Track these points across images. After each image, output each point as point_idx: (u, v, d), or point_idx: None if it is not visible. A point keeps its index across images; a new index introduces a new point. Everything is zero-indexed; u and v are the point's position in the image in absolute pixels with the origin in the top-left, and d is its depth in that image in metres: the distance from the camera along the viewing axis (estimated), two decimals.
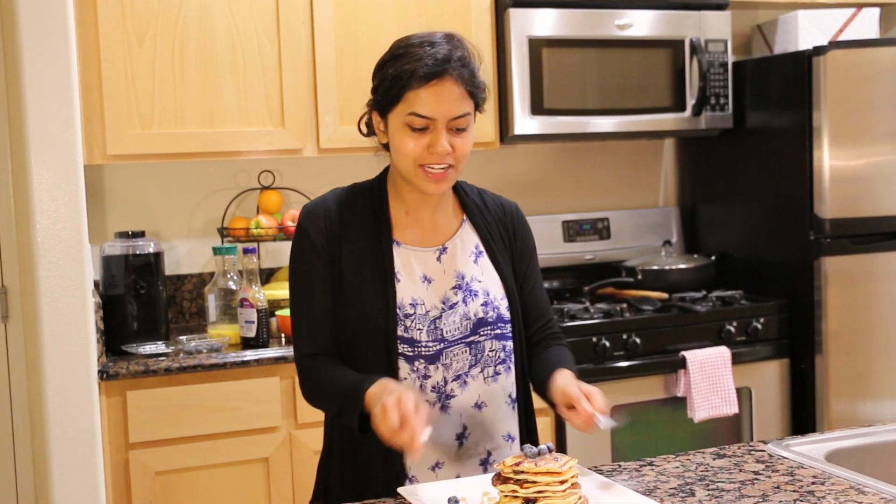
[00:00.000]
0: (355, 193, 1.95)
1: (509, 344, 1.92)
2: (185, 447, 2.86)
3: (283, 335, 3.11)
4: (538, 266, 2.05)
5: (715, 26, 3.61)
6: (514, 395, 1.94)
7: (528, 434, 1.98)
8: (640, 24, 3.52)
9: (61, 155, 2.69)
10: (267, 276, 3.52)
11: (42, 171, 2.68)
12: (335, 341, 1.89)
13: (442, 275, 1.90)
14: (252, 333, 3.01)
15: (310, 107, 3.21)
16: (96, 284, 3.07)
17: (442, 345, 1.86)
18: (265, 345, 3.02)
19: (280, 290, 3.29)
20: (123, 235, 3.09)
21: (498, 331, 1.91)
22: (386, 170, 1.98)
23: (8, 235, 2.98)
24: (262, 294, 3.02)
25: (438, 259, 1.91)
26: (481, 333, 1.89)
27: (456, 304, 1.88)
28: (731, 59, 3.65)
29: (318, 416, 2.93)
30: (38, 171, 2.68)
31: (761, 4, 3.92)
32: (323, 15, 3.20)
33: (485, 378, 1.89)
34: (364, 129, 1.96)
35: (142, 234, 3.12)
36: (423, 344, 1.84)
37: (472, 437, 1.88)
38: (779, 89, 3.56)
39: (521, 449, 1.59)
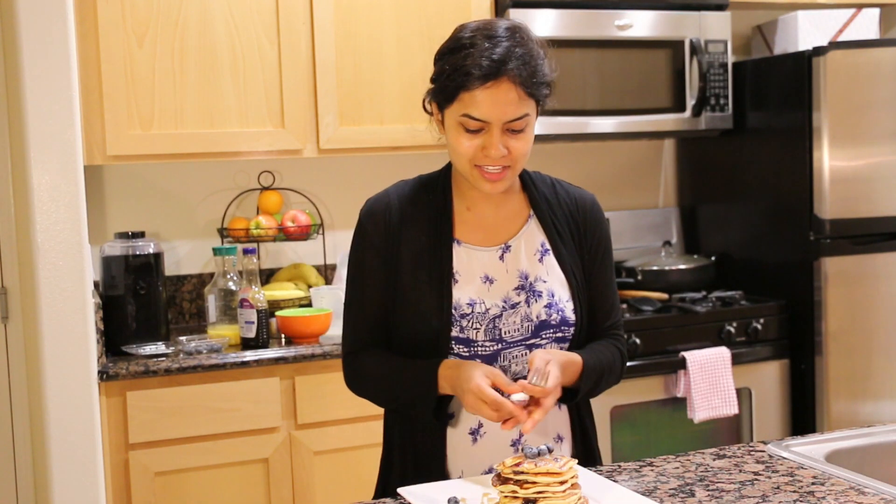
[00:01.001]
0: (419, 187, 1.89)
1: (566, 346, 1.87)
2: (184, 448, 2.86)
3: (282, 335, 3.11)
4: (611, 265, 1.97)
5: (715, 27, 3.61)
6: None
7: (582, 435, 1.92)
8: (640, 24, 3.52)
9: (61, 155, 2.69)
10: (267, 276, 3.52)
11: (42, 172, 2.68)
12: (385, 337, 1.87)
13: (504, 274, 1.85)
14: (252, 334, 3.00)
15: (310, 107, 3.21)
16: (96, 285, 3.07)
17: (500, 345, 1.82)
18: (265, 345, 3.01)
19: (280, 290, 3.29)
20: (123, 236, 3.08)
21: (560, 334, 1.85)
22: (450, 163, 1.91)
23: (8, 236, 2.98)
24: (261, 294, 3.02)
25: (501, 258, 1.86)
26: (543, 336, 1.84)
27: (518, 304, 1.83)
28: (730, 59, 3.65)
29: (319, 416, 2.96)
30: (37, 172, 2.68)
31: (761, 5, 3.92)
32: (323, 15, 3.19)
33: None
34: (427, 108, 1.86)
35: (142, 235, 3.11)
36: (480, 343, 1.81)
37: (526, 442, 1.84)
38: (778, 90, 3.55)
39: (521, 450, 1.58)
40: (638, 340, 3.28)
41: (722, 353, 3.32)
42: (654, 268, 3.68)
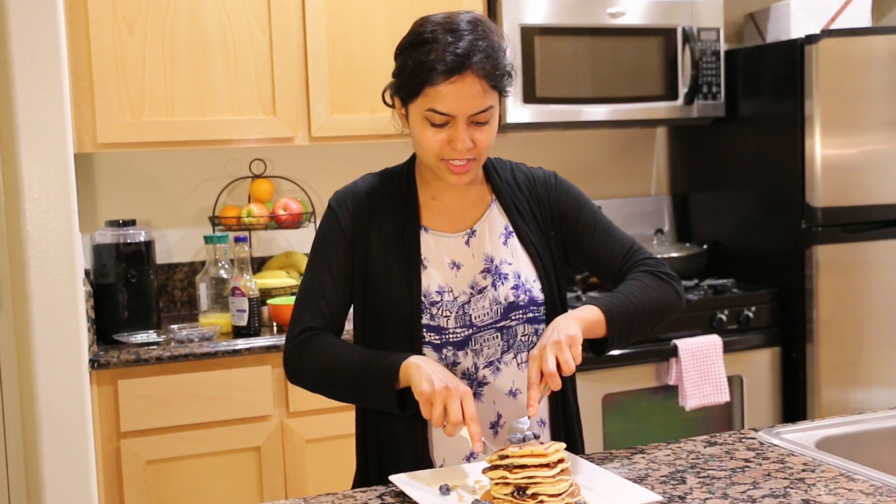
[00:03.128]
0: (385, 179, 1.92)
1: (542, 327, 1.88)
2: (176, 436, 2.86)
3: (274, 324, 3.11)
4: (599, 216, 1.97)
5: (707, 14, 3.60)
6: None
7: (565, 418, 1.92)
8: (633, 12, 3.51)
9: (51, 143, 2.68)
10: (258, 264, 3.51)
11: (32, 160, 2.67)
12: (340, 329, 1.88)
13: (471, 259, 1.87)
14: (244, 322, 3.00)
15: (301, 95, 3.20)
16: (87, 273, 3.06)
17: (470, 330, 1.83)
18: (257, 333, 3.01)
19: (271, 278, 3.29)
20: (114, 224, 3.08)
21: (530, 314, 1.86)
22: (414, 154, 1.93)
23: None
24: (253, 283, 3.02)
25: (467, 243, 1.88)
26: (512, 318, 1.85)
27: (485, 288, 1.85)
28: (723, 47, 3.65)
29: (310, 404, 2.96)
30: (27, 160, 2.67)
31: None
32: (314, 2, 3.18)
33: (518, 364, 1.86)
34: (389, 101, 1.88)
35: (133, 223, 3.11)
36: (451, 330, 1.82)
37: (507, 425, 1.85)
38: (771, 78, 3.55)
39: (508, 438, 1.59)
40: None
41: (713, 341, 3.32)
42: None
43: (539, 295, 1.87)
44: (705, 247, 3.80)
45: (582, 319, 1.77)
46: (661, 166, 4.14)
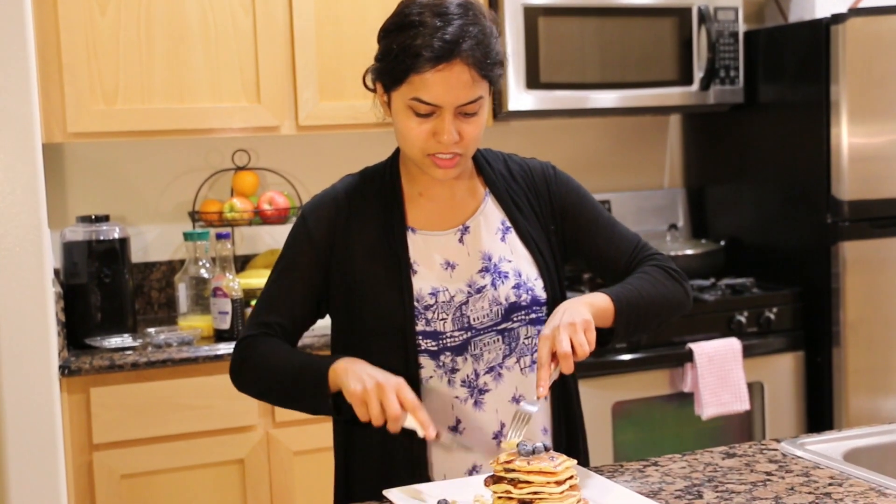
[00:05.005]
0: (366, 179, 1.91)
1: (542, 327, 1.85)
2: (153, 448, 2.86)
3: None
4: (600, 211, 1.97)
5: None
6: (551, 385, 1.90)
7: (568, 427, 1.92)
8: None
9: (17, 133, 2.67)
10: (242, 263, 3.51)
11: None
12: (293, 339, 1.90)
13: (466, 257, 1.86)
14: (226, 325, 3.00)
15: (287, 81, 3.20)
16: (56, 273, 3.06)
17: (469, 333, 1.82)
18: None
19: (256, 278, 3.28)
20: (86, 220, 3.08)
21: (533, 315, 1.86)
22: (398, 148, 1.93)
23: None
24: (236, 283, 3.02)
25: (461, 240, 1.87)
26: (514, 319, 1.85)
27: (484, 287, 1.84)
28: (742, 28, 3.65)
29: (298, 414, 2.95)
30: None
31: None
32: None
33: (521, 369, 1.86)
34: (370, 85, 1.88)
35: (106, 219, 3.10)
36: (448, 334, 1.81)
37: (506, 438, 1.82)
38: (794, 61, 3.55)
39: (517, 447, 1.58)
40: None
41: (732, 345, 3.32)
42: None
43: (541, 294, 1.87)
44: (723, 243, 3.80)
45: (592, 305, 1.78)
46: (675, 157, 4.14)
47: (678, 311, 1.93)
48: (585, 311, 1.74)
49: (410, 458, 1.81)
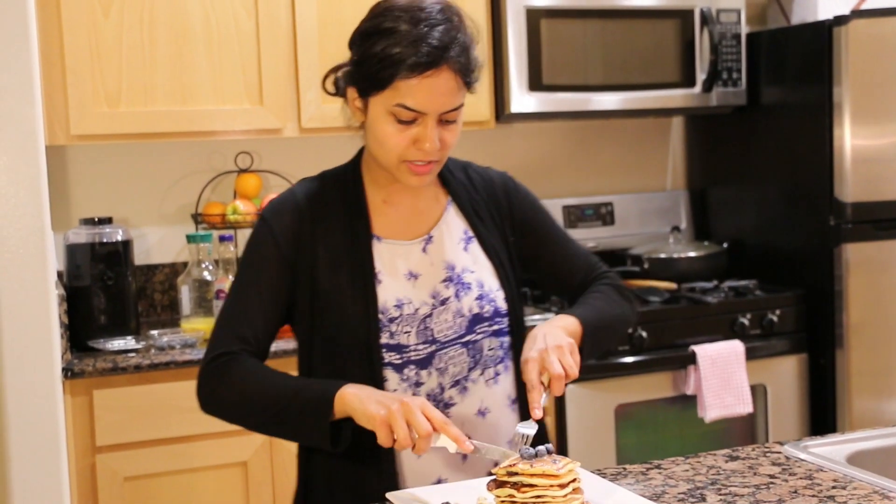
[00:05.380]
0: (326, 183, 1.87)
1: (507, 340, 1.88)
2: (156, 450, 2.86)
3: None
4: (556, 226, 1.99)
5: None
6: (513, 397, 1.90)
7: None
8: None
9: (20, 135, 2.67)
10: None
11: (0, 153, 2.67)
12: (266, 349, 1.81)
13: (429, 267, 1.84)
14: None
15: (290, 83, 3.20)
16: (60, 275, 3.06)
17: (433, 346, 1.80)
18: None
19: None
20: (89, 222, 3.07)
21: (496, 326, 1.86)
22: (360, 152, 1.91)
23: None
24: None
25: (424, 250, 1.85)
26: (478, 331, 1.84)
27: (448, 299, 1.82)
28: (744, 30, 3.65)
29: None
30: None
31: None
32: None
33: (486, 381, 1.85)
34: (331, 89, 1.86)
35: (109, 221, 3.10)
36: (412, 348, 1.79)
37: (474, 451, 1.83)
38: (796, 63, 3.55)
39: (519, 450, 1.58)
40: (644, 334, 3.27)
41: (735, 347, 3.32)
42: (662, 255, 3.68)
43: (503, 305, 1.86)
44: (725, 245, 3.80)
45: (566, 329, 1.81)
46: (678, 159, 4.14)
47: (627, 330, 1.98)
48: (564, 334, 1.77)
49: (379, 472, 1.77)
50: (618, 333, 1.94)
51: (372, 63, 1.71)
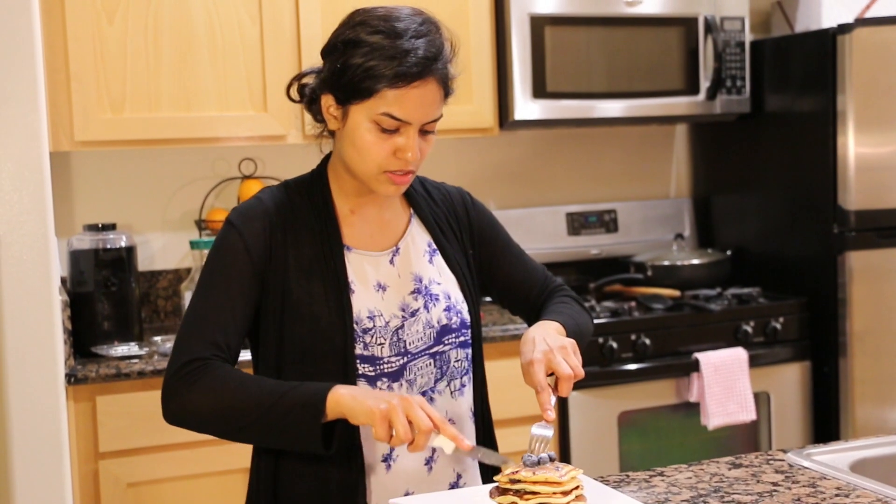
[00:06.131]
0: (291, 191, 1.84)
1: (470, 351, 1.88)
2: (159, 456, 2.86)
3: None
4: (512, 241, 2.01)
5: (731, 3, 3.60)
6: (473, 408, 1.89)
7: (488, 447, 1.86)
8: (651, 0, 3.51)
9: (24, 141, 2.68)
10: None
11: (4, 159, 2.67)
12: (236, 356, 1.76)
13: (397, 279, 1.82)
14: None
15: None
16: (63, 281, 3.06)
17: (405, 358, 1.79)
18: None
19: None
20: (93, 228, 3.08)
21: (462, 338, 1.86)
22: (324, 161, 1.89)
23: None
24: None
25: (391, 262, 1.84)
26: (445, 342, 1.83)
27: (417, 310, 1.81)
28: (748, 38, 3.65)
29: None
30: None
31: None
32: None
33: (451, 392, 1.84)
34: (295, 96, 1.85)
35: (113, 227, 3.11)
36: (386, 360, 1.77)
37: (441, 459, 1.81)
38: (800, 71, 3.55)
39: (522, 458, 1.58)
40: (648, 341, 3.27)
41: (738, 355, 3.31)
42: (665, 263, 3.68)
43: (467, 317, 1.87)
44: (729, 253, 3.79)
45: (559, 331, 1.82)
46: (682, 166, 4.13)
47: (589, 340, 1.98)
48: (561, 335, 1.78)
49: (346, 484, 1.75)
50: (585, 343, 1.93)
51: (356, 71, 1.69)
